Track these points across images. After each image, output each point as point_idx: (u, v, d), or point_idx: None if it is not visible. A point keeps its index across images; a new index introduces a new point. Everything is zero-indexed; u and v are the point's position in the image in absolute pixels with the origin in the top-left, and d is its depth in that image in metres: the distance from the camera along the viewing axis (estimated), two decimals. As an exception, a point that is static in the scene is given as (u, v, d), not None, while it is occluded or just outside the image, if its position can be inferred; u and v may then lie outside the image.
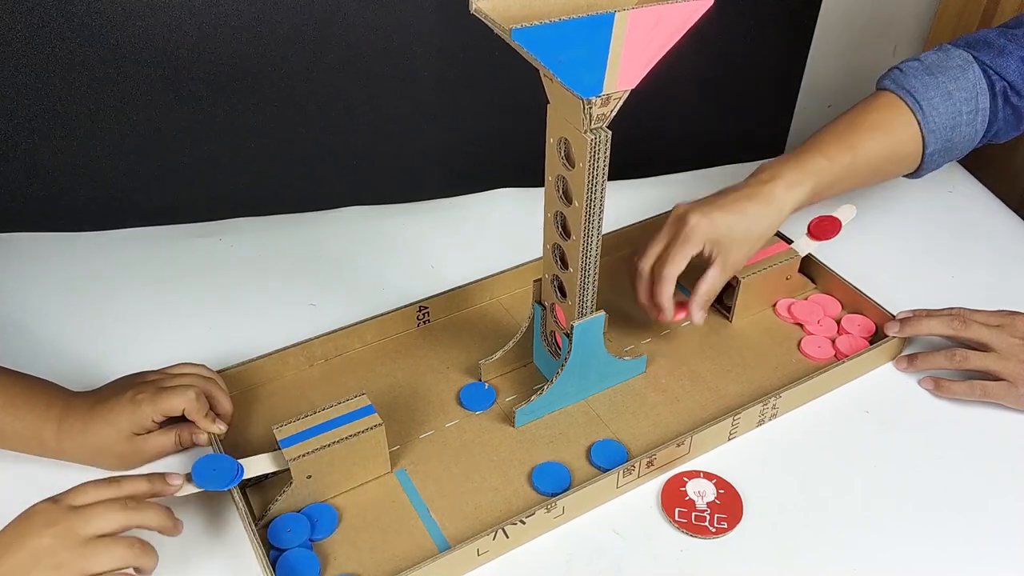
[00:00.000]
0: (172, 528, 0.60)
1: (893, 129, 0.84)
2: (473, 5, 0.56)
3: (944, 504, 0.69)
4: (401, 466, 0.72)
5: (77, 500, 0.56)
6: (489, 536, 0.63)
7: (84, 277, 0.91)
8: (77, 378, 0.74)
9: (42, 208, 0.97)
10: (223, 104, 0.95)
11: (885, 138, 0.84)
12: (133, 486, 0.59)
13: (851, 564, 0.65)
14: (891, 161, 0.86)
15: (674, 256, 0.77)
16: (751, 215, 0.78)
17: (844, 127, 0.84)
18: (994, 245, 0.97)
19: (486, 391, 0.78)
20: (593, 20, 0.54)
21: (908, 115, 0.84)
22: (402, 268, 0.93)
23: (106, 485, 0.58)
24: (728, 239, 0.77)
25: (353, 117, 1.00)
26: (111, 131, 0.93)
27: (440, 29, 0.95)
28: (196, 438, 0.70)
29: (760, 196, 0.79)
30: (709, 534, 0.66)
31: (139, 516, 0.57)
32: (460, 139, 1.06)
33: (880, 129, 0.84)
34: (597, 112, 0.59)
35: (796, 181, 0.80)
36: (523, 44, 0.53)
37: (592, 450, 0.73)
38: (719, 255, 0.78)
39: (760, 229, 0.79)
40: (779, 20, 1.11)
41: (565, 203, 0.67)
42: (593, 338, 0.73)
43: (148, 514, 0.58)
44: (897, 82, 0.85)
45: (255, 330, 0.84)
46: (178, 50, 0.89)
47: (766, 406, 0.74)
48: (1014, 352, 0.75)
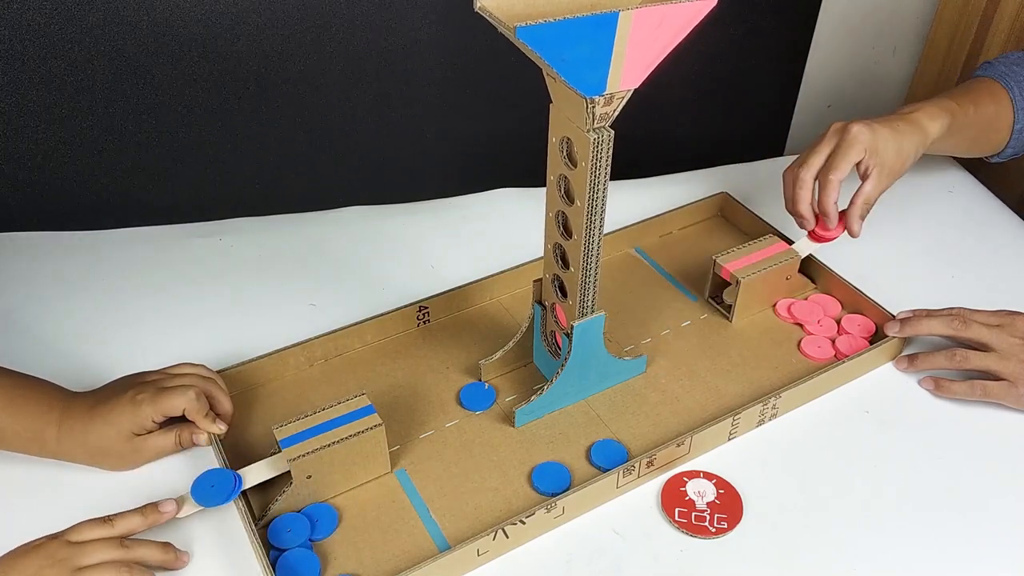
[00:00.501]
0: (173, 561, 0.63)
1: (997, 100, 0.94)
2: (477, 3, 0.56)
3: (944, 504, 0.69)
4: (401, 466, 0.72)
5: (75, 537, 0.60)
6: (489, 536, 0.63)
7: (84, 277, 0.91)
8: (77, 378, 0.74)
9: (42, 208, 0.97)
10: (223, 104, 0.95)
11: (992, 104, 0.93)
12: (127, 524, 0.62)
13: (851, 564, 0.65)
14: (993, 127, 0.95)
15: (839, 162, 0.82)
16: (903, 132, 0.85)
17: (960, 91, 0.94)
18: (994, 245, 0.97)
19: (486, 391, 0.78)
20: (597, 19, 0.54)
21: (1003, 92, 0.94)
22: (402, 268, 0.93)
23: (101, 524, 0.62)
24: (884, 151, 0.83)
25: (354, 117, 1.00)
26: (111, 131, 0.93)
27: (441, 29, 0.95)
28: (196, 438, 0.70)
29: (908, 119, 0.86)
30: (709, 534, 0.66)
31: (134, 554, 0.61)
32: (460, 139, 1.06)
33: (987, 96, 0.94)
34: (600, 111, 0.59)
35: (936, 114, 0.88)
36: (527, 42, 0.53)
37: (592, 450, 0.73)
38: (876, 167, 0.83)
39: (910, 147, 0.85)
40: (779, 20, 1.11)
41: (567, 202, 0.67)
42: (593, 338, 0.73)
43: (143, 552, 0.62)
44: (988, 69, 0.96)
45: (255, 330, 0.84)
46: (178, 50, 0.89)
47: (766, 406, 0.74)
48: (1014, 352, 0.75)
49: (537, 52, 0.54)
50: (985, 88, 0.94)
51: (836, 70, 1.26)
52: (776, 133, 1.27)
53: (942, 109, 0.89)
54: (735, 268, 0.84)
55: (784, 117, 1.26)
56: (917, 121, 0.86)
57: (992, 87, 0.94)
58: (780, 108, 1.25)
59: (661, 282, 0.92)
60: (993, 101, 0.93)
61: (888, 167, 0.83)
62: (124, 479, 0.70)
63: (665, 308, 0.88)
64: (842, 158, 0.82)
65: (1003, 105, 0.93)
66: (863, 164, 0.83)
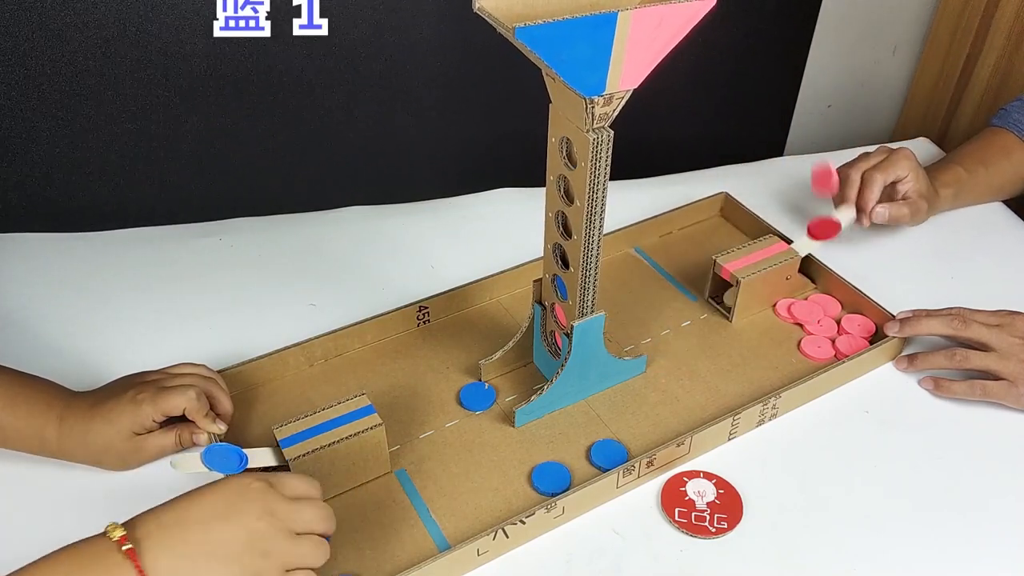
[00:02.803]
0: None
1: (1009, 155, 0.98)
2: (476, 4, 0.56)
3: (944, 504, 0.69)
4: (401, 466, 0.72)
5: (288, 491, 0.55)
6: (489, 536, 0.63)
7: (84, 277, 0.91)
8: (77, 378, 0.74)
9: (42, 208, 0.97)
10: (223, 104, 0.95)
11: (1005, 161, 0.98)
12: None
13: (851, 564, 0.65)
14: (1008, 182, 0.99)
15: (887, 166, 0.89)
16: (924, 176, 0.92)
17: (971, 150, 0.99)
18: (994, 245, 0.97)
19: (486, 391, 0.78)
20: (596, 19, 0.54)
21: (1017, 144, 0.98)
22: (402, 268, 0.93)
23: (313, 485, 0.57)
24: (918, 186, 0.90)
25: (353, 117, 1.00)
26: (111, 131, 0.93)
27: (441, 29, 0.95)
28: (196, 438, 0.70)
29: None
30: (709, 534, 0.66)
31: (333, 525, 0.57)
32: (460, 139, 1.06)
33: (999, 153, 0.98)
34: (599, 112, 0.59)
35: (947, 182, 0.95)
36: (526, 43, 0.53)
37: (592, 450, 0.73)
38: (915, 193, 0.90)
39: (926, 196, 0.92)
40: (779, 20, 1.11)
41: (566, 203, 0.67)
42: (593, 338, 0.73)
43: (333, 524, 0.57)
44: (1003, 118, 1.00)
45: (255, 330, 0.84)
46: (178, 51, 0.89)
47: (766, 406, 0.74)
48: (1014, 352, 0.75)
49: (536, 53, 0.54)
50: (998, 143, 0.98)
51: (836, 70, 1.26)
52: (776, 133, 1.27)
53: (952, 176, 0.95)
54: (735, 268, 0.84)
55: (784, 117, 1.26)
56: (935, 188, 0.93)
57: (1005, 140, 0.98)
58: (780, 108, 1.25)
59: (661, 282, 0.92)
60: (1005, 157, 0.97)
61: (920, 204, 0.90)
62: (124, 478, 0.70)
63: (665, 308, 0.88)
64: (889, 165, 0.89)
65: (1017, 158, 0.97)
66: (905, 186, 0.89)
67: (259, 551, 0.52)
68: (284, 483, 0.55)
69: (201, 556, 0.51)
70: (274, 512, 0.53)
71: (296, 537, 0.54)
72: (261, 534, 0.52)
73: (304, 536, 0.54)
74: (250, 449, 0.66)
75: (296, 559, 0.53)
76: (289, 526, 0.53)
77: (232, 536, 0.52)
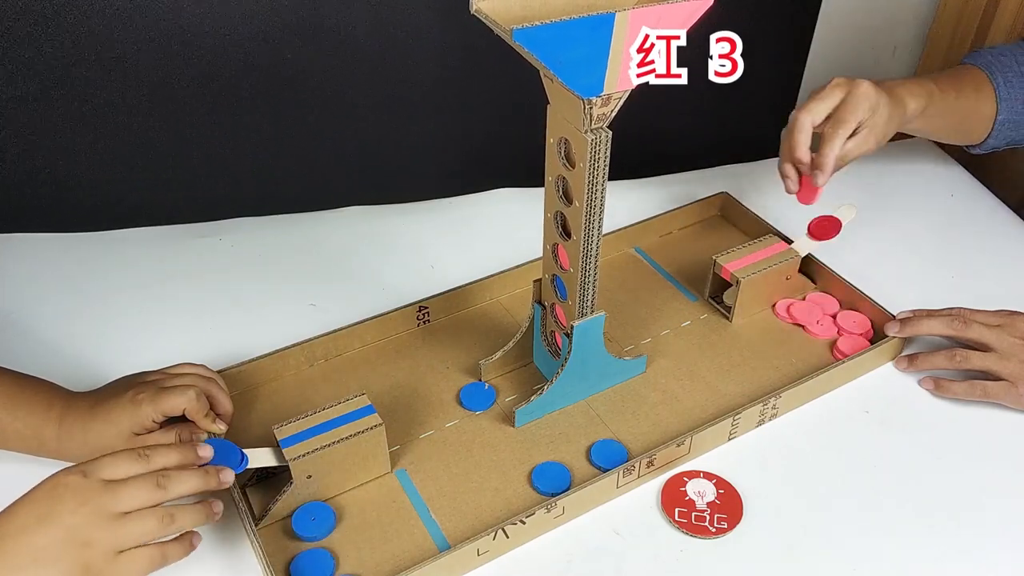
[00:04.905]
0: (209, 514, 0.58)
1: (979, 89, 0.92)
2: (474, 6, 0.56)
3: (944, 504, 0.69)
4: (401, 466, 0.72)
5: (107, 473, 0.54)
6: (489, 536, 0.63)
7: (84, 277, 0.91)
8: (77, 378, 0.74)
9: (42, 208, 0.97)
10: (223, 104, 0.94)
11: (974, 93, 0.92)
12: (164, 458, 0.57)
13: (851, 564, 0.65)
14: (974, 117, 0.93)
15: (847, 115, 0.80)
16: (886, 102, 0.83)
17: (943, 76, 0.93)
18: (994, 245, 0.97)
19: (486, 391, 0.78)
20: (593, 20, 0.54)
21: (987, 82, 0.92)
22: (402, 268, 0.93)
23: (136, 458, 0.56)
24: (880, 116, 0.82)
25: (353, 117, 0.99)
26: (111, 131, 0.93)
27: (440, 29, 0.95)
28: (196, 438, 0.70)
29: (891, 93, 0.85)
30: (709, 534, 0.66)
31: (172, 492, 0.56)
32: (460, 139, 1.06)
33: (970, 85, 0.92)
34: (597, 112, 0.59)
35: (916, 92, 0.87)
36: (524, 44, 0.53)
37: (592, 450, 0.73)
38: (868, 127, 0.81)
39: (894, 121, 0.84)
40: (779, 20, 1.11)
41: (565, 203, 0.67)
42: (593, 338, 0.73)
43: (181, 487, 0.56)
44: (974, 58, 0.95)
45: (255, 330, 0.84)
46: (178, 50, 0.89)
47: (766, 406, 0.74)
48: (1014, 352, 0.75)
49: (534, 54, 0.54)
50: (969, 76, 0.93)
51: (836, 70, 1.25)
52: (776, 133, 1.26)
53: (923, 89, 0.88)
54: (735, 268, 0.84)
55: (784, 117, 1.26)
56: (899, 96, 0.85)
57: (976, 76, 0.93)
58: (780, 108, 1.24)
59: (661, 282, 0.92)
60: (975, 90, 0.92)
61: (876, 134, 0.82)
62: (124, 479, 0.70)
63: (665, 308, 0.88)
64: (850, 112, 0.80)
65: (985, 95, 0.92)
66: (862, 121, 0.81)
67: (79, 543, 0.52)
68: (100, 467, 0.55)
69: (29, 565, 0.51)
70: (87, 501, 0.53)
71: (120, 517, 0.53)
72: (78, 527, 0.52)
73: (132, 514, 0.54)
74: (250, 449, 0.66)
75: (125, 539, 0.53)
76: (110, 509, 0.53)
77: (52, 537, 0.52)
